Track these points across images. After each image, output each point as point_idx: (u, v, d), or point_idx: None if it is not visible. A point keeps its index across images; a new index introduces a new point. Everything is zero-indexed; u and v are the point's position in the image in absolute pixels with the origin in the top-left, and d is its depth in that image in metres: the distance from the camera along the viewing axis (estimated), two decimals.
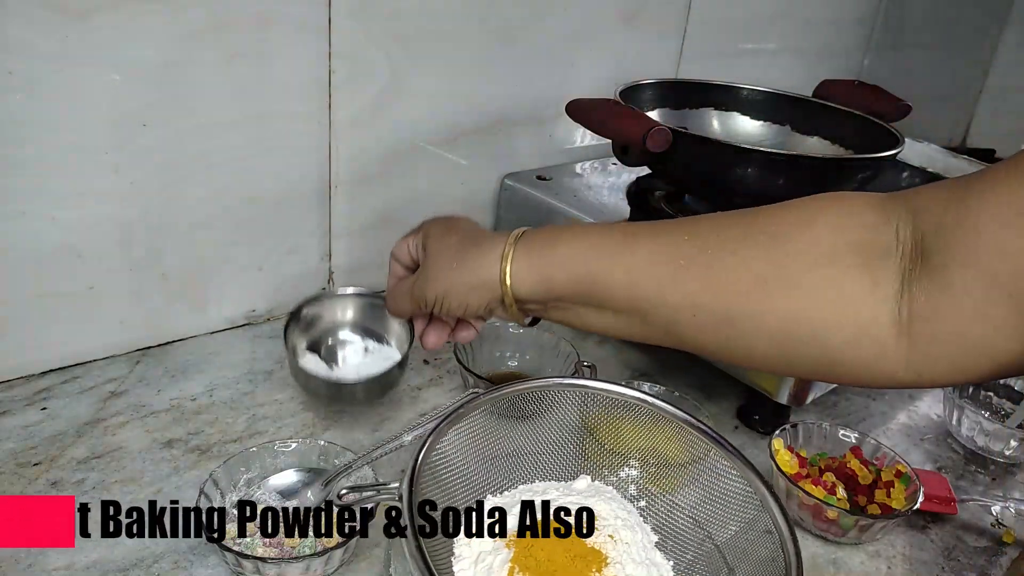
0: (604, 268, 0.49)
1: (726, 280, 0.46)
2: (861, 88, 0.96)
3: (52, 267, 0.63)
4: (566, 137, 0.96)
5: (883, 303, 0.43)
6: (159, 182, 0.65)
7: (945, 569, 0.59)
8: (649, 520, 0.51)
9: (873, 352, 0.43)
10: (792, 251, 0.45)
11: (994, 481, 0.70)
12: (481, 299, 0.53)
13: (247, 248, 0.74)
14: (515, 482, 0.52)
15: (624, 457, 0.53)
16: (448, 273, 0.53)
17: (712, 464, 0.50)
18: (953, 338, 0.41)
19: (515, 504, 0.49)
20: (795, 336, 0.45)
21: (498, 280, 0.51)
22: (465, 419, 0.49)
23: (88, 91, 0.59)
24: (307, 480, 0.55)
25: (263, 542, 0.50)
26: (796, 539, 0.44)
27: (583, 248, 0.50)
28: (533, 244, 0.52)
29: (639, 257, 0.49)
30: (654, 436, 0.53)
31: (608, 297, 0.50)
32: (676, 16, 1.01)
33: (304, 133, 0.72)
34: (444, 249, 0.55)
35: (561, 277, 0.50)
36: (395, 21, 0.74)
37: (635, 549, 0.47)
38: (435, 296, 0.54)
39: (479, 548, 0.46)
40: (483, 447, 0.51)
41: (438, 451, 0.47)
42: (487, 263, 0.52)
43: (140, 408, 0.64)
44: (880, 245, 0.44)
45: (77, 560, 0.50)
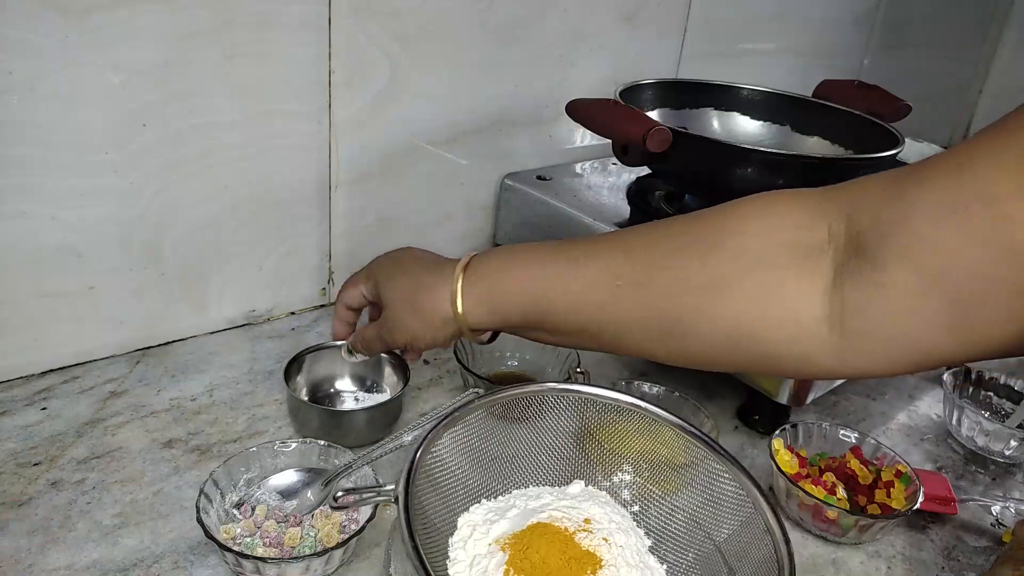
0: (548, 299, 0.52)
1: (661, 294, 0.49)
2: (861, 88, 0.96)
3: (52, 267, 0.63)
4: (566, 137, 0.96)
5: (816, 297, 0.44)
6: (159, 182, 0.65)
7: (945, 569, 0.59)
8: (642, 525, 0.51)
9: (809, 347, 0.45)
10: (724, 258, 0.47)
11: (994, 481, 0.70)
12: (446, 334, 0.57)
13: (247, 248, 0.74)
14: (509, 487, 0.52)
15: (618, 462, 0.54)
16: (409, 320, 0.57)
17: (706, 468, 0.50)
18: (882, 332, 0.42)
19: (510, 508, 0.49)
20: (734, 339, 0.47)
21: (453, 318, 0.55)
22: (460, 423, 0.49)
23: (88, 91, 0.59)
24: (307, 480, 0.55)
25: (263, 542, 0.50)
26: (789, 542, 0.44)
27: (527, 280, 0.53)
28: (481, 277, 0.55)
29: (580, 283, 0.51)
30: (647, 441, 0.53)
31: (557, 323, 0.53)
32: (676, 16, 1.01)
33: (304, 133, 0.72)
34: (398, 296, 0.58)
35: (510, 310, 0.54)
36: (395, 21, 0.74)
37: (629, 552, 0.47)
38: (405, 341, 0.59)
39: (474, 551, 0.46)
40: (478, 451, 0.51)
41: (433, 454, 0.47)
42: (440, 305, 0.56)
43: (140, 408, 0.64)
44: (810, 243, 0.45)
45: (77, 560, 0.50)
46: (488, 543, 0.46)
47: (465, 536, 0.47)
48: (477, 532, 0.47)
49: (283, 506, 0.54)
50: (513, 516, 0.48)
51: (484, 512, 0.49)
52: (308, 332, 0.77)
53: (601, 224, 0.79)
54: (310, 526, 0.52)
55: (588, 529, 0.47)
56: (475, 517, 0.49)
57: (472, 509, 0.50)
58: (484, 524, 0.48)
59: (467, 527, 0.48)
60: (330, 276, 0.81)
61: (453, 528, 0.48)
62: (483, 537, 0.47)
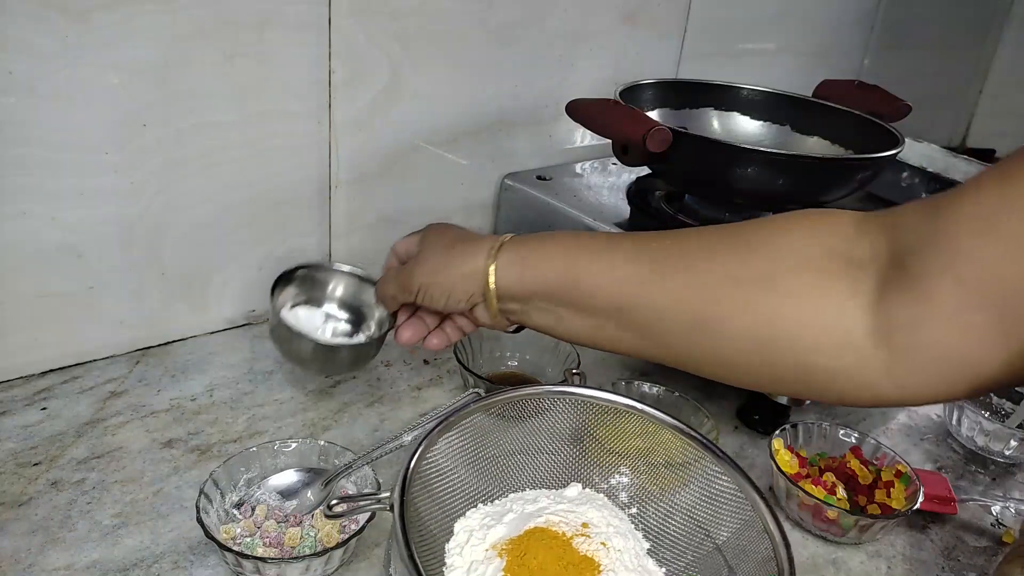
0: (585, 266, 0.50)
1: (702, 282, 0.47)
2: (861, 88, 0.96)
3: (52, 267, 0.63)
4: (566, 137, 0.96)
5: (861, 311, 0.42)
6: (159, 182, 0.65)
7: (945, 569, 0.59)
8: (640, 527, 0.51)
9: (852, 361, 0.43)
10: (768, 256, 0.46)
11: (994, 481, 0.70)
12: (464, 290, 0.54)
13: (247, 248, 0.74)
14: (506, 490, 0.52)
15: (615, 464, 0.53)
16: (436, 262, 0.55)
17: (703, 470, 0.50)
18: (932, 348, 0.40)
19: (506, 513, 0.49)
20: (771, 341, 0.45)
21: (483, 271, 0.53)
22: (455, 428, 0.49)
23: (88, 91, 0.59)
24: (307, 480, 0.55)
25: (263, 542, 0.50)
26: (789, 545, 0.44)
27: (567, 247, 0.52)
28: (520, 243, 0.54)
29: (619, 256, 0.50)
30: (644, 443, 0.52)
31: (588, 297, 0.51)
32: (676, 16, 1.01)
33: (304, 133, 0.72)
34: (437, 242, 0.57)
35: (544, 272, 0.52)
36: (395, 21, 0.74)
37: (627, 556, 0.47)
38: (421, 282, 0.56)
39: (471, 557, 0.46)
40: (474, 455, 0.51)
41: (428, 460, 0.47)
42: (474, 256, 0.54)
43: (140, 408, 0.64)
44: (857, 255, 0.44)
45: (77, 560, 0.50)
46: (485, 549, 0.46)
47: (462, 542, 0.47)
48: (474, 538, 0.47)
49: (283, 506, 0.54)
50: (510, 521, 0.48)
51: (481, 517, 0.49)
52: None
53: (601, 224, 0.79)
54: (310, 526, 0.52)
55: (586, 534, 0.47)
56: (472, 522, 0.48)
57: (469, 514, 0.49)
58: (481, 529, 0.48)
59: (464, 533, 0.48)
60: None
61: (450, 534, 0.48)
62: (480, 543, 0.47)
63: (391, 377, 0.72)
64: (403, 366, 0.74)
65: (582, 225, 0.80)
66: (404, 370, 0.73)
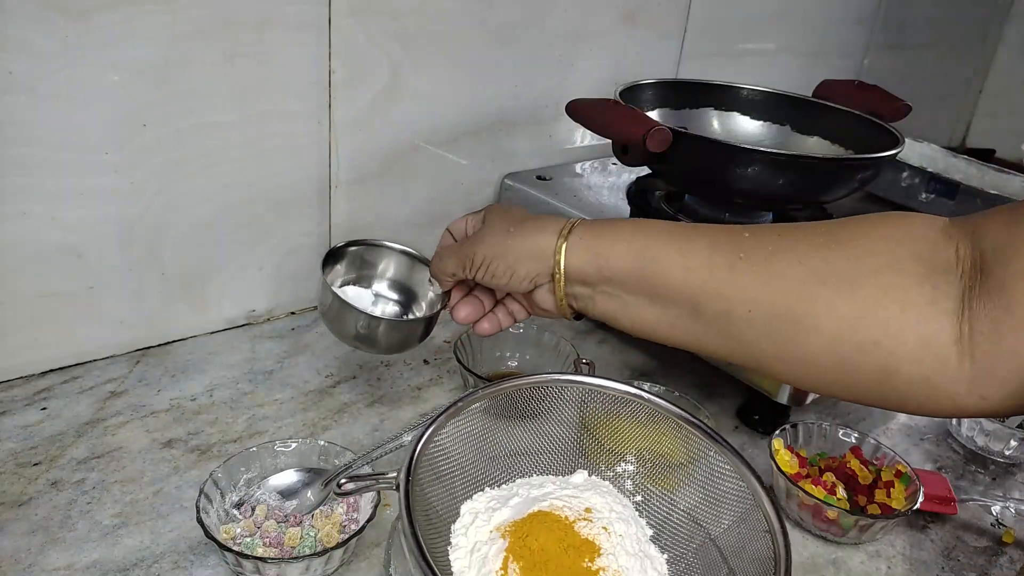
0: (661, 251, 0.48)
1: (785, 276, 0.45)
2: (861, 88, 0.96)
3: (52, 267, 0.63)
4: (566, 137, 0.96)
5: (944, 317, 0.41)
6: (159, 182, 0.65)
7: (945, 569, 0.59)
8: (644, 515, 0.52)
9: (934, 367, 0.42)
10: (853, 255, 0.45)
11: (994, 481, 0.70)
12: (529, 270, 0.52)
13: (247, 248, 0.74)
14: (513, 476, 0.52)
15: (621, 453, 0.54)
16: (502, 236, 0.52)
17: (708, 460, 0.50)
18: (1015, 357, 0.39)
19: (512, 497, 0.49)
20: (853, 341, 0.43)
21: (551, 250, 0.51)
22: (464, 413, 0.49)
23: (88, 91, 0.59)
24: (307, 480, 0.55)
25: (263, 542, 0.50)
26: (787, 533, 0.44)
27: (642, 231, 0.50)
28: (593, 225, 0.51)
29: (698, 244, 0.48)
30: (651, 432, 0.53)
31: (662, 283, 0.48)
32: (676, 16, 1.01)
33: (304, 133, 0.72)
34: (502, 218, 0.54)
35: (618, 255, 0.49)
36: (395, 21, 0.74)
37: (629, 541, 0.47)
38: (483, 257, 0.53)
39: (475, 538, 0.46)
40: (481, 440, 0.51)
41: (436, 443, 0.47)
42: (543, 234, 0.51)
43: (140, 408, 0.64)
44: (940, 260, 0.43)
45: (77, 560, 0.50)
46: (490, 530, 0.47)
47: (467, 523, 0.48)
48: (479, 519, 0.48)
49: (283, 506, 0.54)
50: (515, 504, 0.49)
51: (487, 500, 0.50)
52: (308, 332, 0.77)
53: None
54: (310, 526, 0.52)
55: (588, 518, 0.47)
56: (478, 505, 0.49)
57: (475, 497, 0.50)
58: (486, 512, 0.48)
59: (469, 515, 0.48)
60: None
61: (456, 515, 0.48)
62: (485, 524, 0.47)
63: (391, 377, 0.72)
64: (403, 366, 0.74)
65: None
66: (404, 370, 0.73)
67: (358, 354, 0.75)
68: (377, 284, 0.66)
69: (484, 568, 0.44)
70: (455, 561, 0.45)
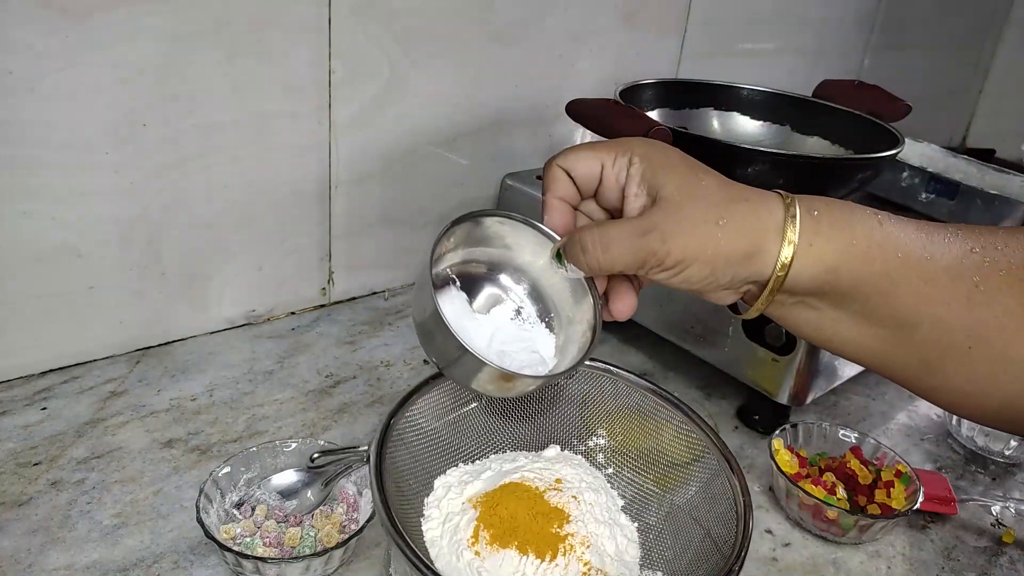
0: (902, 273, 0.39)
1: (1017, 314, 0.38)
2: (861, 88, 0.96)
3: (52, 267, 0.63)
4: (566, 137, 0.96)
5: None
6: (159, 182, 0.65)
7: (945, 569, 0.59)
8: (615, 486, 0.53)
9: None
10: None
11: (994, 481, 0.70)
12: (735, 276, 0.40)
13: (247, 248, 0.73)
14: (487, 451, 0.54)
15: (592, 427, 0.55)
16: (710, 231, 0.39)
17: (673, 429, 0.52)
18: None
19: (485, 471, 0.51)
20: None
21: (774, 257, 0.39)
22: (436, 389, 0.50)
23: (88, 91, 0.59)
24: (307, 480, 0.55)
25: (263, 542, 0.50)
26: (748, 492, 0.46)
27: (880, 239, 0.40)
28: (820, 223, 0.40)
29: (937, 266, 0.39)
30: (618, 405, 0.54)
31: (891, 307, 0.40)
32: (676, 16, 1.01)
33: (304, 133, 0.72)
34: (699, 194, 0.40)
35: (852, 270, 0.39)
36: (395, 21, 0.74)
37: (598, 510, 0.49)
38: (681, 258, 0.39)
39: (448, 509, 0.48)
40: (454, 417, 0.52)
41: (407, 419, 0.48)
42: (763, 228, 0.39)
43: (140, 408, 0.64)
44: None
45: (77, 560, 0.50)
46: (462, 502, 0.48)
47: (440, 496, 0.49)
48: (452, 492, 0.49)
49: (283, 506, 0.54)
50: (487, 478, 0.50)
51: (459, 474, 0.51)
52: (308, 332, 0.77)
53: None
54: (310, 526, 0.52)
55: (558, 488, 0.49)
56: (450, 479, 0.51)
57: (448, 472, 0.51)
58: (459, 485, 0.50)
59: (442, 488, 0.50)
60: (330, 276, 0.81)
61: (430, 490, 0.50)
62: (457, 497, 0.49)
63: (391, 377, 0.72)
64: (403, 366, 0.74)
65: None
66: (404, 370, 0.73)
67: (358, 354, 0.75)
68: (503, 276, 0.47)
69: (456, 536, 0.46)
70: (427, 532, 0.47)
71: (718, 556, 0.45)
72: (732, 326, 0.68)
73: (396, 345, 0.77)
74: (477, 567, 0.44)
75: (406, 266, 0.87)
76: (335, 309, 0.82)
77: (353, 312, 0.82)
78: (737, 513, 0.45)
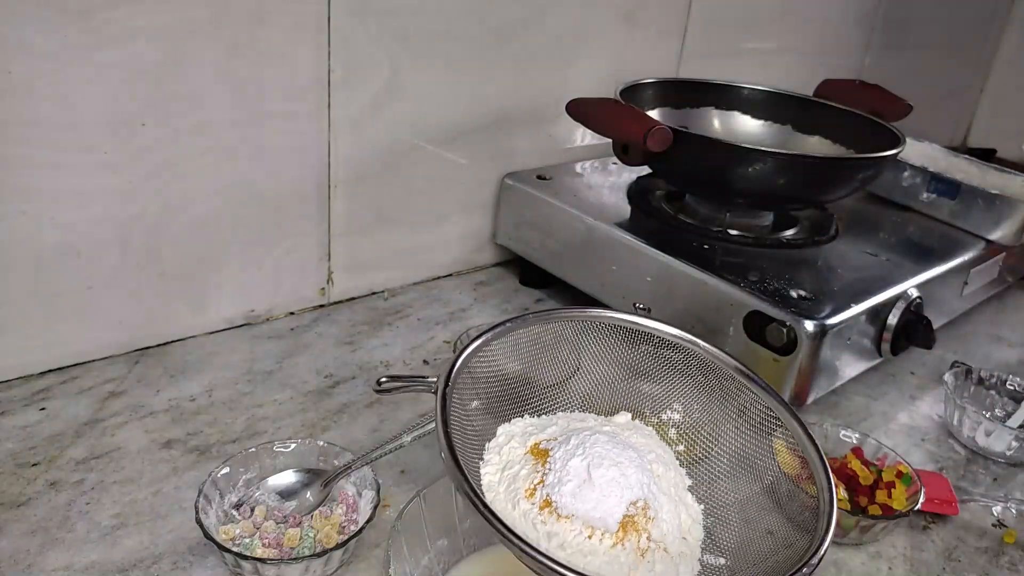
0: None
1: None
2: (862, 87, 0.96)
3: (51, 267, 0.63)
4: (566, 137, 0.96)
5: None
6: (158, 181, 0.65)
7: (946, 570, 0.59)
8: (684, 464, 0.51)
9: None
10: None
11: (995, 481, 0.70)
12: None
13: (246, 248, 0.73)
14: (555, 408, 0.52)
15: (668, 400, 0.53)
16: None
17: (757, 413, 0.50)
18: None
19: (550, 426, 0.49)
20: None
21: None
22: (512, 335, 0.49)
23: (88, 91, 0.59)
24: (306, 481, 0.55)
25: (262, 543, 0.50)
26: (832, 487, 0.44)
27: None
28: None
29: None
30: (700, 381, 0.52)
31: None
32: (677, 15, 1.01)
33: (303, 132, 0.72)
34: None
35: None
36: (395, 20, 0.74)
37: (665, 483, 0.47)
38: None
39: (508, 457, 0.47)
40: (528, 368, 0.51)
41: (480, 358, 0.47)
42: None
43: (139, 408, 0.64)
44: None
45: (76, 561, 0.50)
46: (523, 452, 0.47)
47: (502, 443, 0.48)
48: (514, 441, 0.48)
49: (282, 507, 0.53)
50: (552, 433, 0.48)
51: (525, 425, 0.50)
52: (307, 332, 0.77)
53: (602, 224, 0.79)
54: (309, 527, 0.52)
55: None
56: (515, 428, 0.49)
57: (513, 421, 0.50)
58: (523, 436, 0.48)
59: (505, 436, 0.48)
60: (329, 276, 0.81)
61: (492, 436, 0.48)
62: (519, 447, 0.47)
63: None
64: (403, 366, 0.74)
65: (583, 225, 0.80)
66: (404, 370, 0.73)
67: (357, 354, 0.75)
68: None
69: (514, 485, 0.44)
70: (485, 476, 0.45)
71: (787, 552, 0.43)
72: (732, 326, 0.68)
73: (395, 345, 0.77)
74: (533, 518, 0.43)
75: (406, 266, 0.87)
76: (334, 309, 0.82)
77: (352, 312, 0.82)
78: (819, 510, 0.43)
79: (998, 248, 0.89)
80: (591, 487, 0.43)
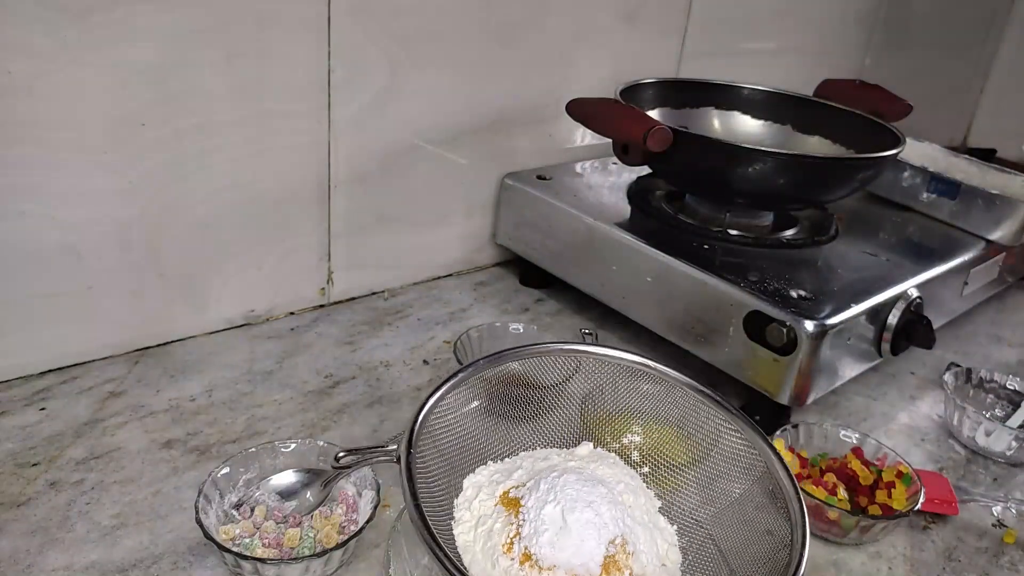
0: None
1: None
2: (862, 88, 0.96)
3: (51, 267, 0.63)
4: (566, 137, 0.96)
5: None
6: (158, 182, 0.65)
7: (946, 570, 0.59)
8: (652, 486, 0.51)
9: None
10: None
11: (995, 481, 0.70)
12: None
13: (246, 248, 0.73)
14: (516, 448, 0.52)
15: (627, 424, 0.53)
16: None
17: (715, 428, 0.50)
18: None
19: (516, 469, 0.49)
20: None
21: None
22: (464, 385, 0.49)
23: (87, 91, 0.59)
24: (306, 481, 0.55)
25: (262, 543, 0.50)
26: (801, 498, 0.43)
27: None
28: None
29: None
30: (656, 402, 0.52)
31: None
32: (676, 15, 1.01)
33: (303, 132, 0.72)
34: None
35: None
36: (395, 20, 0.74)
37: (638, 512, 0.47)
38: None
39: (479, 511, 0.46)
40: (483, 413, 0.50)
41: (437, 415, 0.46)
42: None
43: (139, 408, 0.64)
44: None
45: (76, 561, 0.50)
46: (494, 504, 0.46)
47: (470, 497, 0.47)
48: (483, 493, 0.47)
49: (282, 507, 0.53)
50: (519, 477, 0.48)
51: (490, 474, 0.49)
52: (307, 332, 0.77)
53: (602, 224, 0.79)
54: (309, 527, 0.52)
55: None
56: (480, 479, 0.49)
57: (477, 471, 0.49)
58: (490, 485, 0.48)
59: (472, 488, 0.48)
60: (329, 276, 0.81)
61: (458, 490, 0.48)
62: (488, 498, 0.47)
63: (390, 378, 0.72)
64: (403, 366, 0.74)
65: (583, 225, 0.80)
66: (404, 370, 0.73)
67: (357, 354, 0.75)
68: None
69: (490, 542, 0.44)
70: (459, 536, 0.45)
71: (768, 565, 0.43)
72: (732, 326, 0.68)
73: (395, 345, 0.77)
74: (515, 575, 0.42)
75: (406, 266, 0.87)
76: (334, 309, 0.82)
77: (352, 312, 0.82)
78: (792, 520, 0.43)
79: (998, 248, 0.89)
80: (568, 533, 0.43)
